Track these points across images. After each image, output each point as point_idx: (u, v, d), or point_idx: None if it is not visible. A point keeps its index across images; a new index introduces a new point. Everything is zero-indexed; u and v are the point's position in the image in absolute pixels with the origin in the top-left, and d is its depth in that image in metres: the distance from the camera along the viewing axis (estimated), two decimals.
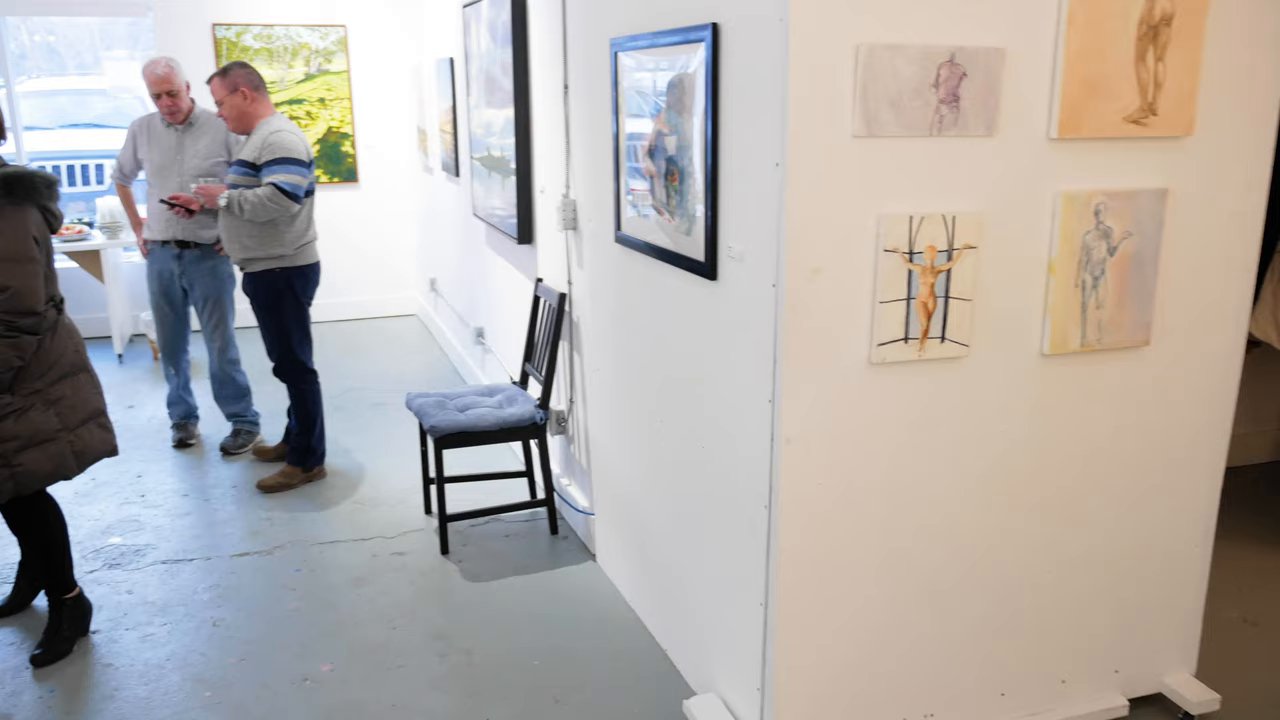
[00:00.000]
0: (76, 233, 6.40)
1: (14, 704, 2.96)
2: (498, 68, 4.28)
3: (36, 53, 9.29)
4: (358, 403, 5.61)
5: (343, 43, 7.18)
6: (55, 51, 9.79)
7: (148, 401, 5.69)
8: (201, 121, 4.68)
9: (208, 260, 4.70)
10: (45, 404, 3.02)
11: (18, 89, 7.16)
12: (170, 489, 4.50)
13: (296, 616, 3.41)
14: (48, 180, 3.01)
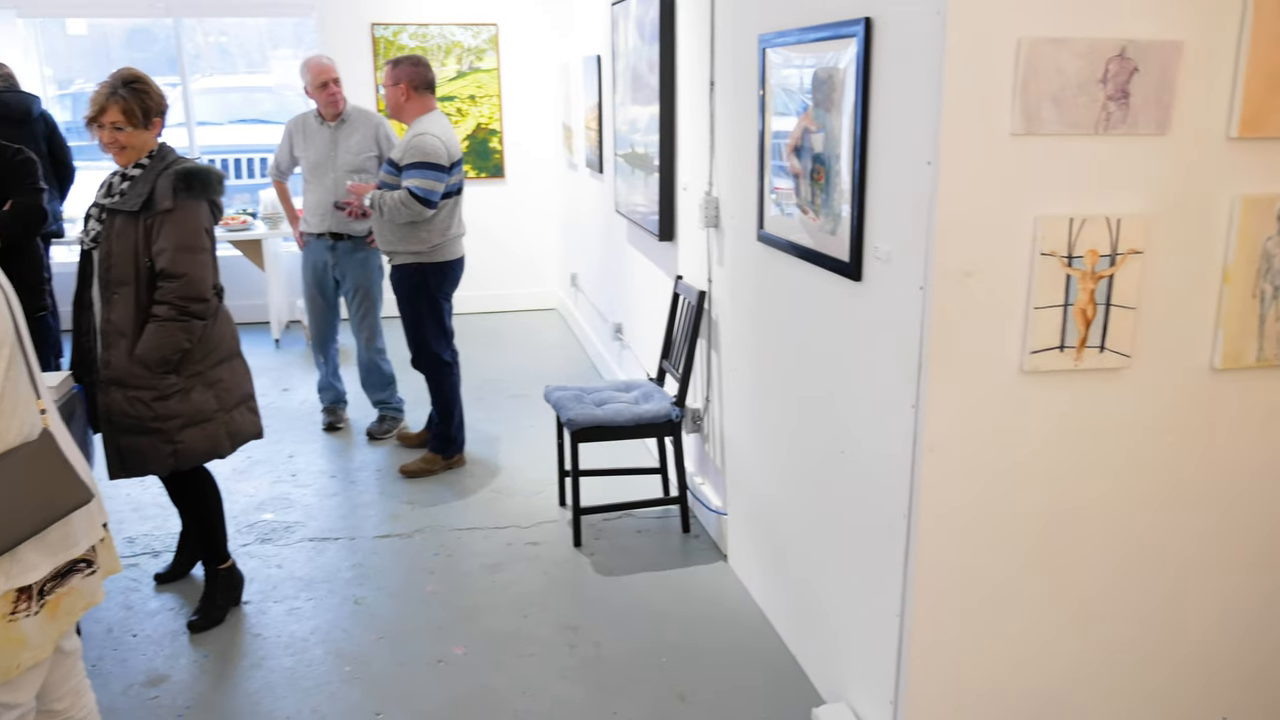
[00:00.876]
0: (240, 223, 6.76)
1: (172, 665, 3.15)
2: (644, 65, 4.29)
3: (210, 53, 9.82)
4: (497, 394, 5.73)
5: (493, 41, 7.35)
6: (226, 51, 10.33)
7: (301, 386, 5.96)
8: (354, 118, 4.87)
9: (359, 252, 4.89)
10: (205, 386, 3.19)
11: (193, 87, 7.60)
12: (319, 470, 4.69)
13: (433, 599, 3.50)
14: (219, 176, 3.18)
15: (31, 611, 1.82)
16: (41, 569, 1.82)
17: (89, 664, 3.13)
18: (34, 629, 1.82)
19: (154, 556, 3.85)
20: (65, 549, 1.87)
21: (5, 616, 1.78)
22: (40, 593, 1.83)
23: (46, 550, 1.83)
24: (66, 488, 1.81)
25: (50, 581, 1.85)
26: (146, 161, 3.09)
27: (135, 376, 3.06)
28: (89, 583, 1.96)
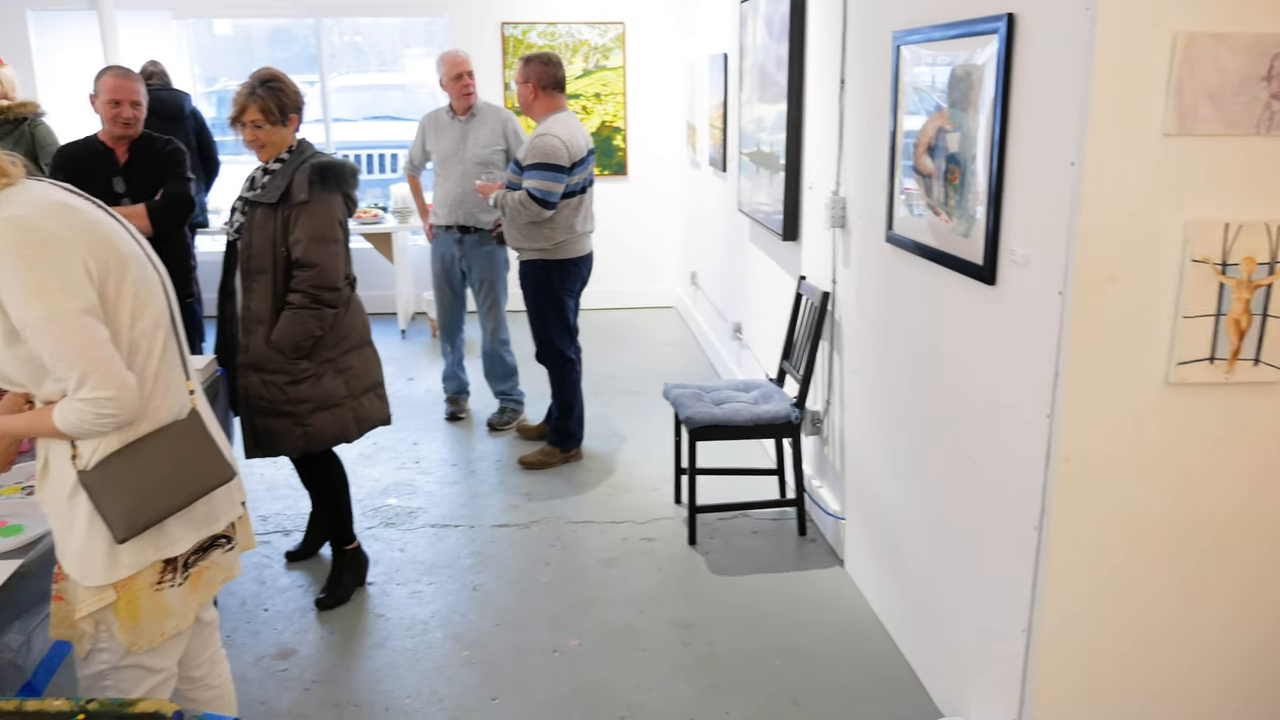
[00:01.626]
0: (372, 216, 6.98)
1: (300, 640, 3.27)
2: (772, 62, 4.26)
3: (345, 52, 10.17)
4: (615, 390, 5.78)
5: (620, 39, 7.41)
6: (361, 51, 10.69)
7: (426, 375, 6.13)
8: (483, 113, 4.97)
9: (486, 245, 4.99)
10: (336, 372, 3.30)
11: (330, 84, 7.89)
12: (441, 458, 4.81)
13: (549, 590, 3.55)
14: (353, 170, 3.29)
15: (176, 583, 1.90)
16: (186, 542, 1.90)
17: (224, 634, 3.28)
18: (177, 599, 1.91)
19: (285, 535, 4.01)
20: (208, 524, 1.95)
21: (153, 586, 1.87)
22: (184, 565, 1.92)
23: (191, 525, 1.91)
24: (212, 465, 1.89)
25: (194, 555, 1.93)
26: (286, 156, 3.22)
27: (271, 361, 3.20)
28: (228, 558, 2.05)
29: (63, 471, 1.81)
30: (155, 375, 1.83)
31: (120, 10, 7.20)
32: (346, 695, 2.97)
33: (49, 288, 1.65)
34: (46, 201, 1.73)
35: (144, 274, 1.83)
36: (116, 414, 1.73)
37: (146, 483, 1.79)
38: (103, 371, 1.70)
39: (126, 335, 1.78)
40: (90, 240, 1.72)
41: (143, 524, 1.79)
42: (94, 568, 1.82)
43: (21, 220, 1.66)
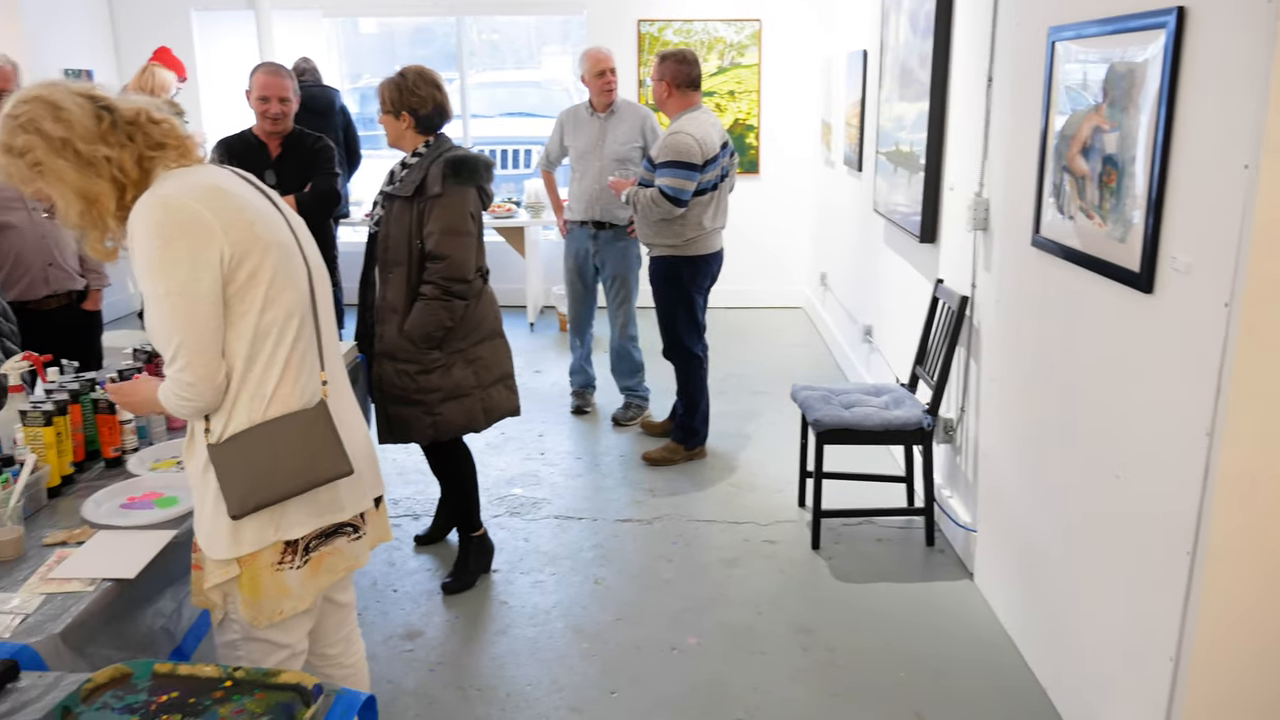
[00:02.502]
0: (505, 210, 7.11)
1: (427, 622, 3.36)
2: (915, 59, 4.15)
3: (482, 50, 10.40)
4: (740, 389, 5.74)
5: (756, 36, 7.35)
6: (497, 48, 10.91)
7: (552, 368, 6.21)
8: (622, 110, 5.00)
9: (620, 241, 5.02)
10: (466, 363, 3.37)
11: (468, 81, 8.08)
12: (566, 450, 4.87)
13: (670, 587, 3.55)
14: (487, 164, 3.34)
15: (295, 565, 1.91)
16: (306, 526, 1.91)
17: (356, 612, 3.39)
18: (296, 581, 1.92)
19: (414, 519, 4.12)
20: (331, 512, 1.95)
21: (273, 565, 1.89)
22: (305, 549, 1.93)
23: (314, 510, 1.91)
24: (330, 458, 1.87)
25: (315, 539, 1.94)
26: (423, 150, 3.29)
27: (403, 351, 3.28)
28: (354, 546, 2.03)
29: (199, 445, 1.86)
30: (285, 362, 1.85)
31: (275, 9, 7.52)
32: (470, 679, 3.03)
33: (175, 268, 1.70)
34: (201, 184, 1.78)
35: (286, 262, 1.85)
36: (192, 400, 1.77)
37: (264, 465, 1.82)
38: (193, 357, 1.74)
39: (254, 321, 1.80)
40: (232, 225, 1.76)
41: (254, 505, 1.81)
42: (219, 542, 1.86)
43: (169, 200, 1.73)
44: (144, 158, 1.78)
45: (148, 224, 1.71)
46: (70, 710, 1.47)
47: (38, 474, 2.23)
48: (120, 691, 1.53)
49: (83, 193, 1.75)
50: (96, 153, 1.73)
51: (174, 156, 1.81)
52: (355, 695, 1.55)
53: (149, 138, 1.79)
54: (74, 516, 2.19)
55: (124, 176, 1.76)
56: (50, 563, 1.98)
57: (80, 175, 1.74)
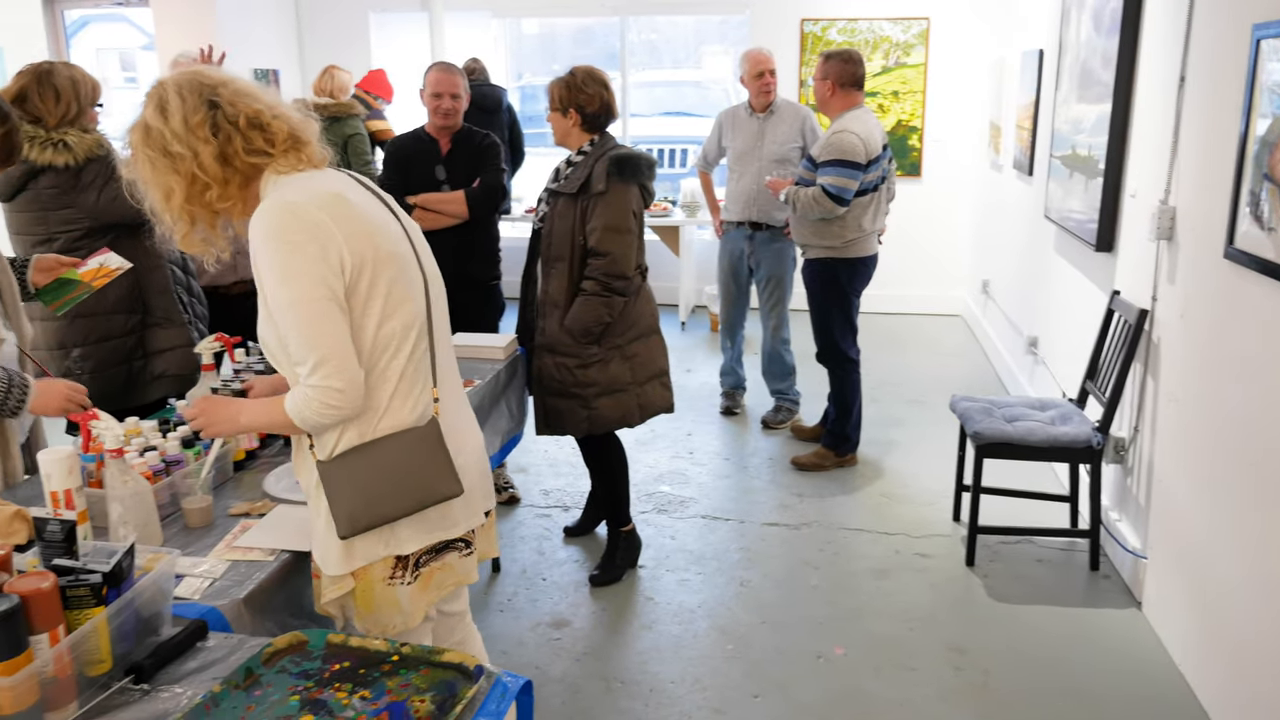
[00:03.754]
0: (661, 209, 7.16)
1: (574, 612, 3.41)
2: (1097, 59, 3.95)
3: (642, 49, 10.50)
4: (894, 397, 5.60)
5: (923, 35, 7.16)
6: (655, 48, 11.00)
7: (702, 368, 6.21)
8: (782, 110, 4.96)
9: (776, 242, 4.98)
10: (622, 359, 3.40)
11: (628, 80, 8.16)
12: (714, 451, 4.86)
13: (816, 594, 3.50)
14: (649, 162, 3.37)
15: (406, 581, 1.87)
16: (416, 543, 1.87)
17: (505, 598, 3.48)
18: (406, 598, 1.88)
19: (564, 510, 4.19)
20: (441, 528, 1.89)
21: (385, 580, 1.84)
22: (415, 564, 1.88)
23: (424, 527, 1.87)
24: (440, 479, 1.82)
25: (425, 555, 1.89)
26: (588, 149, 3.35)
27: (563, 345, 3.34)
28: (464, 563, 1.98)
29: (310, 462, 1.83)
30: (400, 376, 1.80)
31: (448, 10, 7.79)
32: (614, 671, 3.07)
33: (302, 273, 1.67)
34: (323, 191, 1.74)
35: (405, 275, 1.80)
36: (340, 407, 1.71)
37: (374, 484, 1.78)
38: (337, 362, 1.69)
39: (372, 334, 1.76)
40: (353, 234, 1.72)
41: (364, 525, 1.78)
42: (331, 557, 1.85)
43: (292, 205, 1.70)
44: (236, 158, 1.74)
45: (271, 230, 1.68)
46: (252, 671, 1.56)
47: (225, 449, 2.37)
48: (297, 657, 1.61)
49: (160, 184, 1.74)
50: (177, 148, 1.71)
51: (289, 161, 1.77)
52: (515, 679, 1.59)
53: (249, 141, 1.74)
54: (256, 490, 2.32)
55: (203, 173, 1.72)
56: (235, 532, 2.10)
57: (156, 167, 1.73)
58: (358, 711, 1.48)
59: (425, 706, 1.49)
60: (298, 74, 7.96)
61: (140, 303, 3.09)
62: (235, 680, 1.53)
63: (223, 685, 1.51)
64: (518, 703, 1.59)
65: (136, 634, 1.61)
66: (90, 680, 1.52)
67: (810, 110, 5.05)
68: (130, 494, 1.97)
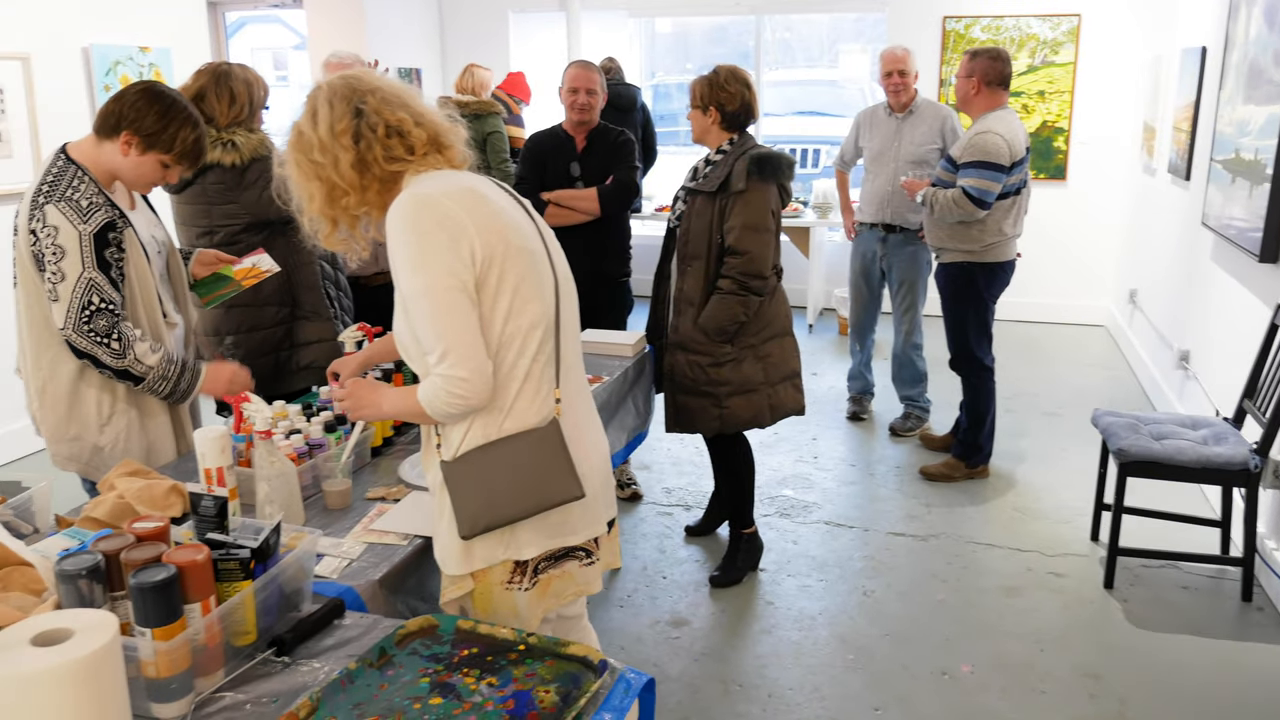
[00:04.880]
0: (792, 210, 7.08)
1: (693, 612, 3.40)
2: (1268, 56, 3.71)
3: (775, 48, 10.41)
4: (1030, 408, 5.40)
5: (1073, 33, 6.87)
6: (789, 47, 10.89)
7: (829, 372, 6.12)
8: (921, 110, 4.84)
9: (909, 245, 4.87)
10: (756, 358, 3.38)
11: (762, 79, 8.10)
12: (839, 456, 4.78)
13: (943, 609, 3.40)
14: (789, 162, 3.33)
15: (524, 586, 1.87)
16: (535, 548, 1.86)
17: (625, 594, 3.50)
18: (524, 603, 1.88)
19: (686, 509, 4.19)
20: (561, 535, 1.89)
21: (503, 584, 1.87)
22: (534, 570, 1.88)
23: (544, 532, 1.86)
24: (561, 481, 1.81)
25: (544, 562, 1.89)
26: (727, 148, 3.33)
27: (696, 343, 3.34)
28: (585, 572, 1.96)
29: (435, 461, 1.86)
30: (525, 375, 1.80)
31: (585, 10, 7.89)
32: (732, 674, 3.05)
33: (433, 262, 1.69)
34: (456, 186, 1.77)
35: (534, 273, 1.81)
36: (466, 396, 1.72)
37: (495, 485, 1.79)
38: (464, 351, 1.70)
39: (499, 329, 1.77)
40: (484, 228, 1.74)
41: (484, 526, 1.79)
42: (451, 557, 1.86)
43: (425, 197, 1.73)
44: (374, 165, 1.78)
45: (404, 221, 1.72)
46: (386, 651, 1.60)
47: (365, 434, 2.45)
48: (428, 640, 1.65)
49: (303, 187, 1.82)
50: (318, 156, 1.77)
51: (428, 164, 1.81)
52: (638, 676, 1.59)
53: (388, 149, 1.78)
54: (391, 475, 2.39)
55: (340, 180, 1.78)
56: (372, 515, 2.17)
57: (302, 170, 1.80)
58: (485, 697, 1.50)
59: (550, 697, 1.50)
60: (439, 73, 8.19)
61: (290, 296, 3.22)
62: (370, 659, 1.57)
63: (358, 663, 1.55)
64: (640, 700, 1.59)
65: (279, 608, 1.68)
66: (236, 650, 1.59)
67: (951, 110, 4.91)
68: (276, 474, 2.05)
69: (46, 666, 1.14)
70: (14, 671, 1.13)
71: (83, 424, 2.48)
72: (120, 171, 2.43)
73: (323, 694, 1.48)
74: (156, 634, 1.42)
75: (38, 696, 1.14)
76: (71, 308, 2.33)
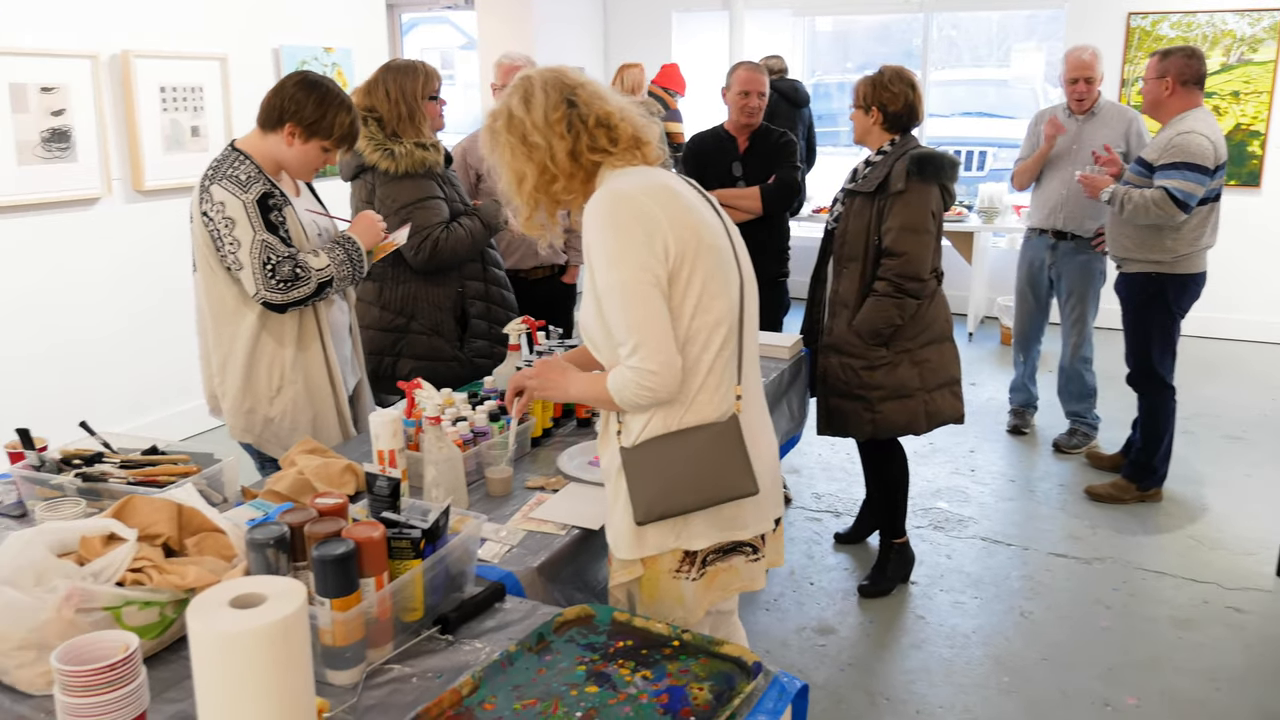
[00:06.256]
0: (956, 214, 6.86)
1: (840, 621, 3.35)
2: None
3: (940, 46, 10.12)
4: (1211, 430, 5.07)
5: (1275, 29, 6.41)
6: (955, 45, 10.56)
7: (989, 382, 5.91)
8: (1104, 113, 4.62)
9: (1082, 253, 4.65)
10: (912, 363, 3.29)
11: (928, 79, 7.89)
12: (998, 471, 4.61)
13: (1107, 636, 3.24)
14: (953, 162, 3.23)
15: (691, 576, 1.90)
16: (706, 539, 1.89)
17: (770, 599, 3.47)
18: (690, 593, 1.91)
19: (835, 516, 4.13)
20: (732, 529, 1.91)
21: (671, 572, 1.89)
22: (702, 562, 1.91)
23: (716, 524, 1.89)
24: (737, 476, 1.83)
25: (713, 554, 1.92)
26: (888, 148, 3.27)
27: (850, 345, 3.28)
28: (751, 568, 1.98)
29: (614, 445, 1.88)
30: (708, 370, 1.83)
31: (749, 9, 7.86)
32: (879, 686, 2.98)
33: (629, 257, 1.74)
34: (652, 183, 1.82)
35: (722, 270, 1.84)
36: (655, 389, 1.75)
37: (673, 474, 1.81)
38: (655, 344, 1.74)
39: (685, 324, 1.80)
40: (677, 223, 1.77)
41: (659, 513, 1.82)
42: (623, 541, 1.90)
43: (622, 193, 1.79)
44: (582, 155, 1.84)
45: (601, 216, 1.77)
46: (544, 637, 1.64)
47: (526, 424, 2.52)
48: (584, 629, 1.68)
49: (514, 169, 1.88)
50: (536, 139, 1.84)
51: (626, 159, 1.86)
52: (792, 681, 1.58)
53: (594, 139, 1.84)
54: (550, 466, 2.44)
55: (553, 166, 1.84)
56: (531, 503, 2.23)
57: (515, 154, 1.86)
58: (639, 690, 1.52)
59: (703, 695, 1.51)
60: (600, 72, 8.31)
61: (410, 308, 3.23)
62: (529, 643, 1.61)
63: (518, 646, 1.60)
64: (793, 706, 1.58)
65: (444, 589, 1.74)
66: (404, 625, 1.66)
67: (1137, 113, 4.65)
68: (444, 459, 2.13)
69: (246, 628, 1.22)
70: (217, 630, 1.22)
71: (255, 397, 2.65)
72: (286, 161, 2.59)
73: (484, 674, 1.52)
74: (335, 604, 1.50)
75: (236, 654, 1.22)
76: (255, 270, 2.48)
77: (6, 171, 4.17)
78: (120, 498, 1.78)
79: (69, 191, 4.43)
